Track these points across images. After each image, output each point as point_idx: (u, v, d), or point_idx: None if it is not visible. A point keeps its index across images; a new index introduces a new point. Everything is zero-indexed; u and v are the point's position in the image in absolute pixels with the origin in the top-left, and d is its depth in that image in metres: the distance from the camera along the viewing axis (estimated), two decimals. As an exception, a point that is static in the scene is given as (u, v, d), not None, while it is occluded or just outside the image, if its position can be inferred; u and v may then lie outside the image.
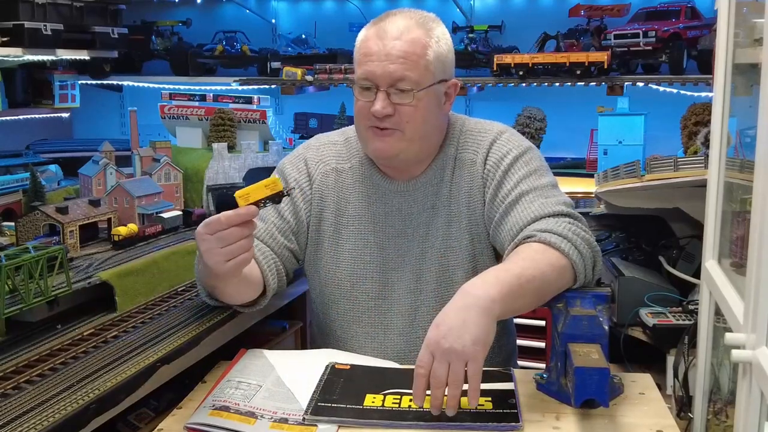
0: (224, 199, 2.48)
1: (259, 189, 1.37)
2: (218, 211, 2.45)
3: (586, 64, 2.76)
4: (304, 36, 3.49)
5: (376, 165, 1.71)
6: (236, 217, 1.35)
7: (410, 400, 1.38)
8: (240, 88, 3.32)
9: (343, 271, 1.70)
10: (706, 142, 2.23)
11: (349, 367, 1.54)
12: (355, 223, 1.70)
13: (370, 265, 1.69)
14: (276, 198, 1.40)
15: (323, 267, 1.72)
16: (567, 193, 1.65)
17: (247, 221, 1.37)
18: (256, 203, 1.38)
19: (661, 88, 2.82)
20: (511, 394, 1.41)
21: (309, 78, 3.20)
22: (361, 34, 1.61)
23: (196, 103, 2.82)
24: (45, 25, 2.65)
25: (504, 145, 1.65)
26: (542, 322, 2.41)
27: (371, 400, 1.39)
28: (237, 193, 1.36)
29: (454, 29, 3.26)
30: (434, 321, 1.29)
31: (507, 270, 1.38)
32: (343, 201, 1.71)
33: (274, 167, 1.79)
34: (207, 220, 1.37)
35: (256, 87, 3.33)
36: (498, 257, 1.66)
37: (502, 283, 1.33)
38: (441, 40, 1.59)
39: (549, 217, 1.52)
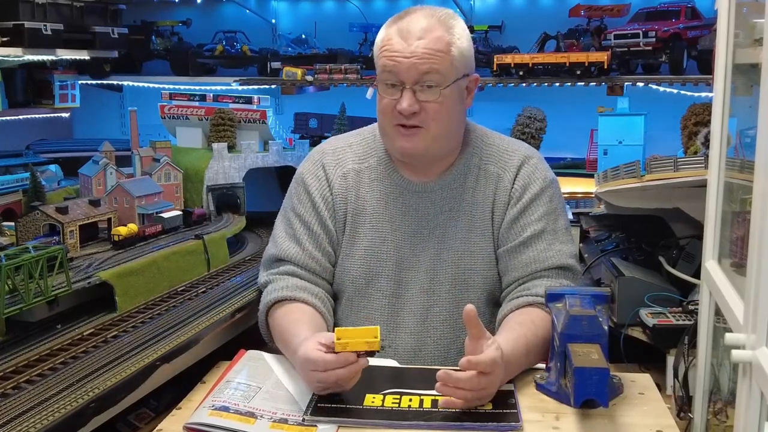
0: (224, 199, 2.48)
1: (358, 342, 1.36)
2: (218, 211, 2.47)
3: (586, 64, 2.76)
4: (304, 36, 3.49)
5: (393, 164, 1.73)
6: (334, 363, 1.36)
7: (410, 400, 1.38)
8: (240, 88, 3.31)
9: (359, 267, 1.71)
10: (706, 142, 2.23)
11: (348, 367, 1.54)
12: (373, 220, 1.71)
13: (386, 263, 1.70)
14: (371, 354, 1.39)
15: (339, 264, 1.73)
16: (567, 193, 1.66)
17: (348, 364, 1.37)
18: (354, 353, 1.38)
19: (661, 88, 2.81)
20: (510, 394, 1.42)
21: (309, 78, 3.19)
22: (382, 33, 1.63)
23: (196, 103, 2.81)
24: (45, 25, 2.64)
25: (533, 172, 1.70)
26: (542, 322, 2.40)
27: (371, 400, 1.39)
28: (336, 334, 1.37)
29: (455, 29, 3.25)
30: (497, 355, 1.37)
31: (527, 353, 1.51)
32: (360, 199, 1.73)
33: (275, 167, 1.78)
34: (312, 357, 1.37)
35: (256, 87, 3.32)
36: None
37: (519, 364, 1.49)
38: (462, 36, 1.61)
39: (559, 269, 1.64)
